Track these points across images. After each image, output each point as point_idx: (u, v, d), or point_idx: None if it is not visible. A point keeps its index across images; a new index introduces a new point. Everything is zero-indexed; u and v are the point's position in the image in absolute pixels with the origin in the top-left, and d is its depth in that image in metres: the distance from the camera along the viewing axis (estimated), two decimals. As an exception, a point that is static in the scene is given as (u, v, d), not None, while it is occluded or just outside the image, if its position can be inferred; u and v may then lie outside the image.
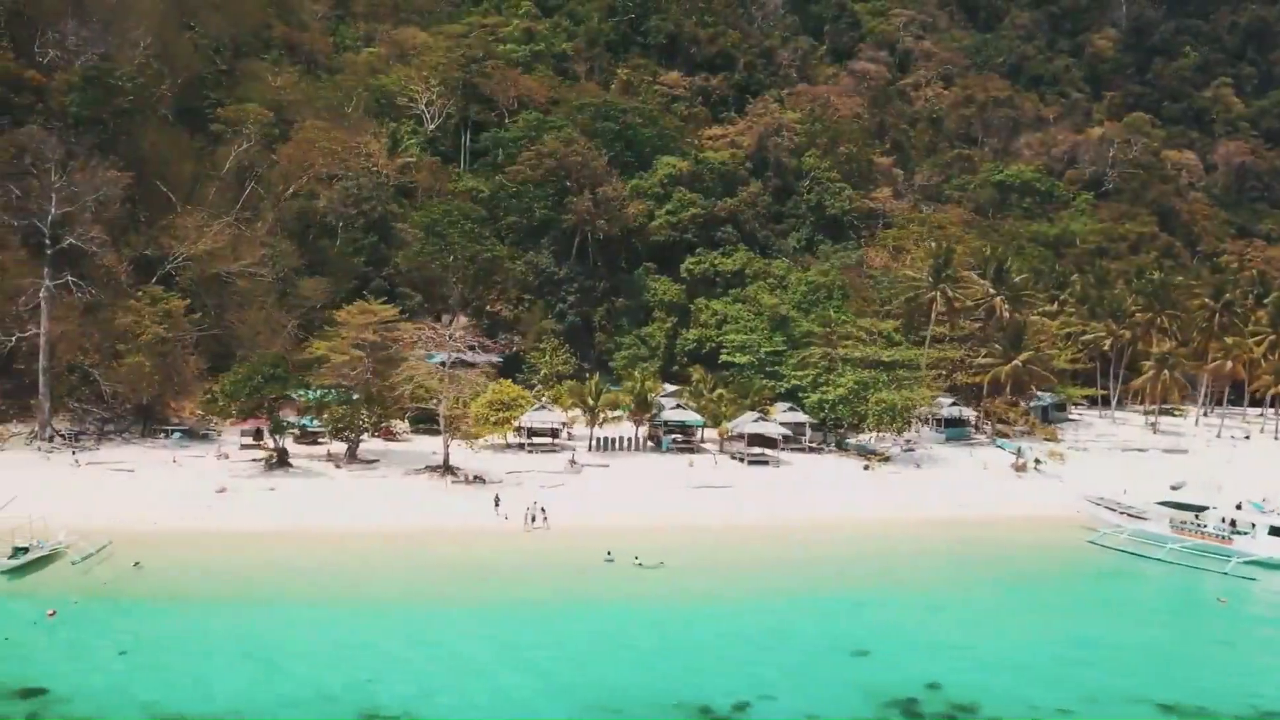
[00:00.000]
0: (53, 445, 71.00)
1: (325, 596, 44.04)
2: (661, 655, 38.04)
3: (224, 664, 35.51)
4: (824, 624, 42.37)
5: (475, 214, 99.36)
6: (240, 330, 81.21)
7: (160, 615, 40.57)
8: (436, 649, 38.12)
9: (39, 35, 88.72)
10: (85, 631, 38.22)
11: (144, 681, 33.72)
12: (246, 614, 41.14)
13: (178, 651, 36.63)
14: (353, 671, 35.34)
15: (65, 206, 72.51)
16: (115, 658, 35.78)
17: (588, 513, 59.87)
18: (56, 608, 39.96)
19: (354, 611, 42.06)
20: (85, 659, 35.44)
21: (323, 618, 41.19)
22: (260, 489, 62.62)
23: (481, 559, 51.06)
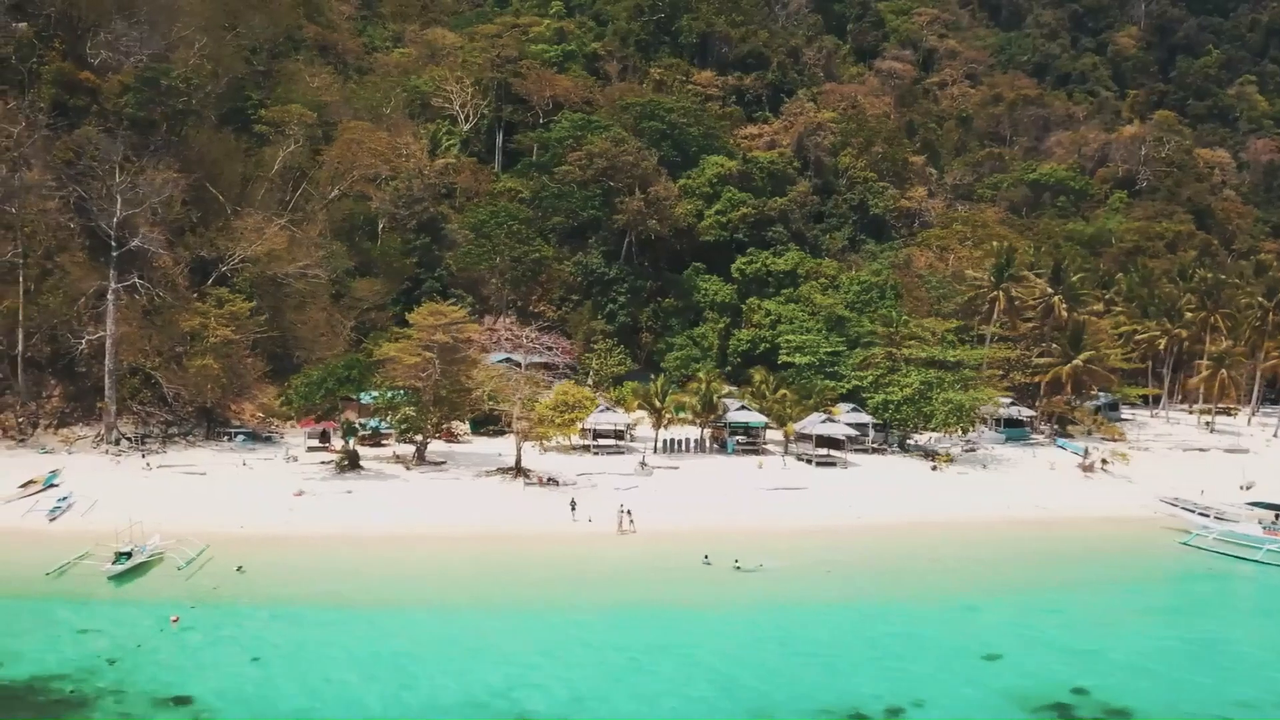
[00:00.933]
0: (120, 448, 70.67)
1: (438, 600, 43.72)
2: (794, 660, 37.65)
3: (361, 670, 35.10)
4: (944, 627, 42.02)
5: (521, 214, 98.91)
6: (300, 331, 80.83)
7: (278, 621, 40.19)
8: (566, 653, 37.73)
9: (90, 37, 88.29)
10: (210, 638, 37.83)
11: (286, 689, 33.35)
12: (365, 618, 40.78)
13: (310, 658, 36.24)
14: (491, 677, 34.98)
15: (130, 208, 72.09)
16: (249, 664, 35.41)
17: (668, 515, 59.34)
18: (175, 614, 39.48)
19: (473, 615, 41.74)
20: (220, 666, 35.05)
21: (443, 622, 40.85)
22: (337, 492, 62.19)
23: (578, 562, 50.63)
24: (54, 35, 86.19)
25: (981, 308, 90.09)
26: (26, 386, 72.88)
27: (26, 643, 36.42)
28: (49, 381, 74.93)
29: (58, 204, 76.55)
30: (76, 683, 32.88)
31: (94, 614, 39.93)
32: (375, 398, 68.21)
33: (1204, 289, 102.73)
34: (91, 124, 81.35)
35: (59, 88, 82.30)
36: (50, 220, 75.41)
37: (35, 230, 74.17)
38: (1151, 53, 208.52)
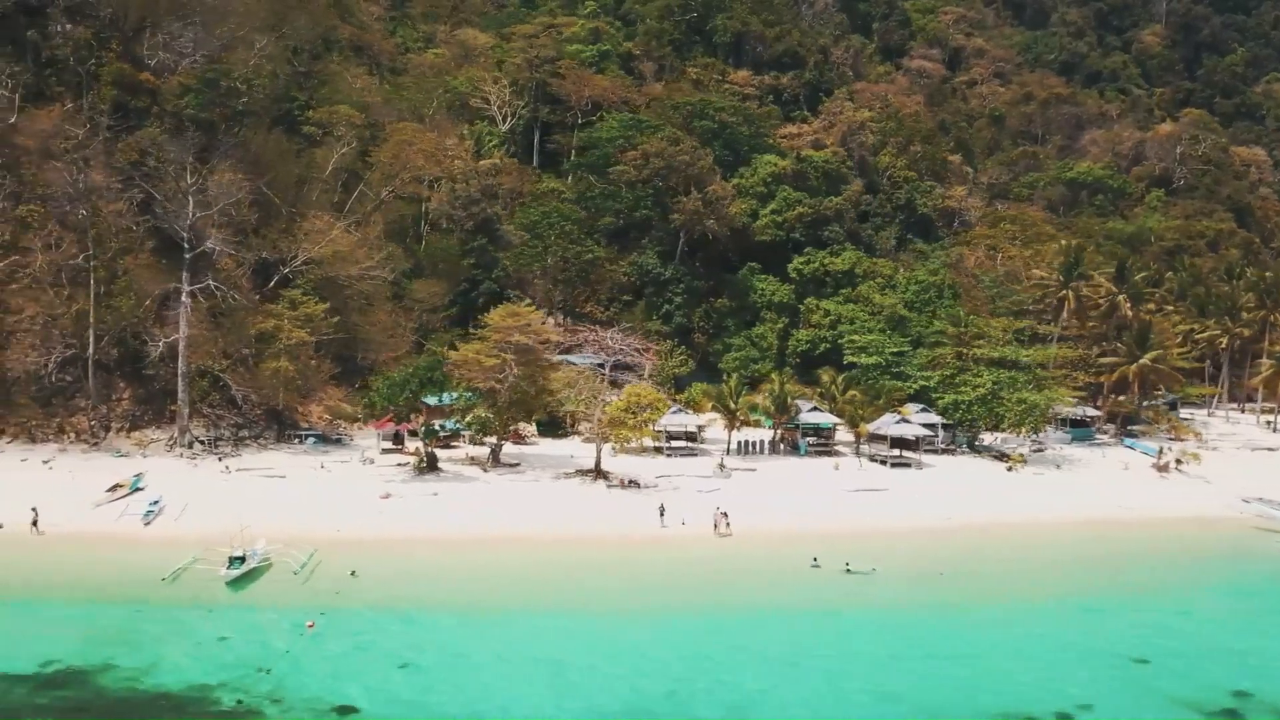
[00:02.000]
0: (193, 452, 70.25)
1: (564, 604, 43.35)
2: (945, 665, 37.22)
3: (517, 676, 34.70)
4: (1082, 630, 41.66)
5: (573, 215, 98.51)
6: (365, 333, 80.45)
7: (410, 625, 39.79)
8: (710, 656, 37.29)
9: (145, 38, 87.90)
10: (350, 644, 37.43)
11: (445, 696, 32.96)
12: (498, 622, 40.46)
13: (459, 664, 35.84)
14: (650, 681, 34.55)
15: (202, 210, 71.72)
16: (398, 671, 35.01)
17: (757, 517, 58.81)
18: (310, 620, 39.05)
19: (607, 619, 41.35)
20: (370, 673, 34.64)
21: (579, 626, 40.45)
22: (422, 494, 61.81)
23: (686, 565, 50.24)
24: (110, 37, 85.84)
25: (1048, 307, 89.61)
26: (97, 389, 72.49)
27: (171, 650, 36.02)
28: (118, 384, 74.56)
29: (123, 206, 76.36)
30: (238, 692, 32.44)
31: (227, 620, 39.53)
32: (453, 399, 67.64)
33: (1263, 287, 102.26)
34: (153, 125, 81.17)
35: (120, 89, 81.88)
36: (118, 223, 75.15)
37: (104, 233, 73.83)
38: (1176, 51, 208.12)
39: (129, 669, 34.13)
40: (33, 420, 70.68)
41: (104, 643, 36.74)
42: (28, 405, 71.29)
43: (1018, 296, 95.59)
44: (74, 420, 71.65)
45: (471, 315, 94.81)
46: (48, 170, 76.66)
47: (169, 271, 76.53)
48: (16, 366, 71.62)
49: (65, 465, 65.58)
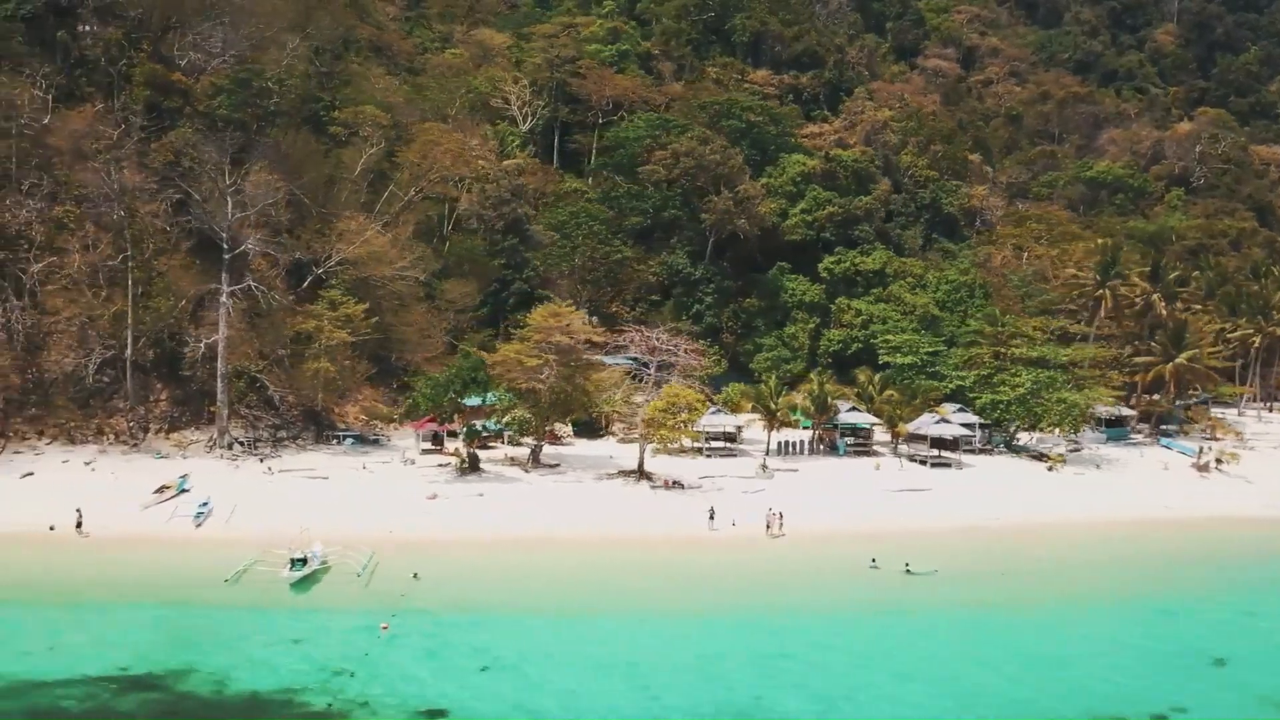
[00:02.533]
0: (233, 453, 70.00)
1: (630, 606, 43.22)
2: (1034, 666, 37.04)
3: (600, 677, 34.50)
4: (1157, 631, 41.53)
5: (601, 215, 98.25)
6: (400, 334, 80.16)
7: (481, 628, 39.61)
8: (790, 657, 37.10)
9: (176, 38, 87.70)
10: (427, 647, 37.21)
11: (535, 698, 32.74)
12: (568, 624, 40.34)
13: (539, 666, 35.62)
14: (734, 682, 34.40)
15: (241, 210, 71.52)
16: (479, 674, 34.78)
17: (805, 518, 58.55)
18: (384, 622, 38.82)
19: (672, 619, 41.22)
20: (453, 676, 34.42)
21: (649, 627, 40.31)
22: (468, 495, 61.55)
23: (744, 565, 50.13)
24: (140, 38, 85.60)
25: (1083, 306, 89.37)
26: (134, 391, 72.24)
27: (248, 653, 35.83)
28: (155, 385, 74.29)
29: (158, 207, 76.15)
30: (326, 695, 32.26)
31: (297, 622, 39.32)
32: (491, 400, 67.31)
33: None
34: (186, 126, 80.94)
35: (152, 89, 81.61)
36: (154, 224, 74.94)
37: (140, 233, 73.57)
38: (1190, 50, 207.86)
39: (211, 671, 33.91)
40: (71, 421, 70.32)
41: (179, 645, 36.56)
42: (66, 406, 70.95)
43: (1047, 296, 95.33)
44: (112, 422, 71.32)
45: (502, 316, 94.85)
46: (80, 170, 76.59)
47: (205, 272, 76.48)
48: (54, 368, 71.49)
49: (107, 467, 65.32)
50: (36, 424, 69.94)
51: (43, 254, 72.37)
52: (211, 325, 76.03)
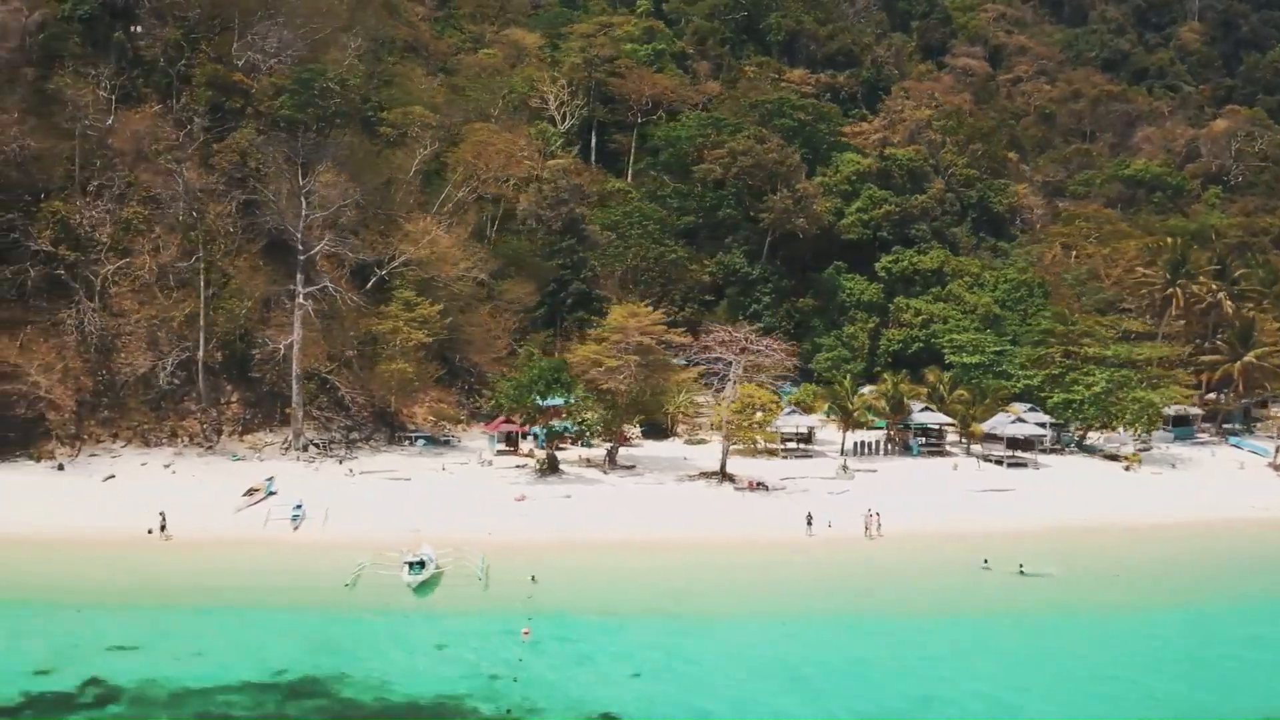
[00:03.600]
0: (309, 454, 69.64)
1: (756, 606, 42.96)
2: (1202, 667, 36.59)
3: (756, 681, 34.05)
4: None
5: (655, 215, 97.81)
6: (469, 334, 79.74)
7: (619, 631, 39.34)
8: (941, 659, 36.78)
9: (234, 38, 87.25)
10: (573, 651, 36.86)
11: (702, 703, 32.32)
12: (703, 626, 40.00)
13: (691, 669, 35.20)
14: (894, 685, 34.01)
15: (316, 211, 71.13)
16: (633, 678, 34.39)
17: (896, 519, 58.10)
18: (525, 627, 38.39)
19: (807, 621, 41.02)
20: (610, 680, 34.09)
21: (787, 629, 40.00)
22: (555, 496, 61.19)
23: (855, 566, 49.88)
24: (199, 38, 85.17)
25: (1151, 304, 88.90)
26: (206, 393, 71.86)
27: (395, 658, 35.50)
28: (225, 387, 73.91)
29: (227, 208, 75.73)
30: (490, 701, 31.93)
31: (433, 627, 39.08)
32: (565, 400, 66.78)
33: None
34: (248, 126, 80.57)
35: (214, 90, 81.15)
36: (224, 225, 74.53)
37: (211, 235, 73.20)
38: (1215, 47, 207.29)
39: (366, 678, 33.55)
40: (144, 424, 69.98)
41: (321, 650, 36.20)
42: (138, 409, 70.62)
43: (1103, 294, 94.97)
44: (185, 424, 70.96)
45: (560, 316, 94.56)
46: (143, 171, 76.30)
47: (273, 274, 76.17)
48: (126, 370, 71.18)
49: (186, 470, 65.05)
50: (110, 427, 69.61)
51: (113, 256, 72.06)
52: (278, 327, 75.73)
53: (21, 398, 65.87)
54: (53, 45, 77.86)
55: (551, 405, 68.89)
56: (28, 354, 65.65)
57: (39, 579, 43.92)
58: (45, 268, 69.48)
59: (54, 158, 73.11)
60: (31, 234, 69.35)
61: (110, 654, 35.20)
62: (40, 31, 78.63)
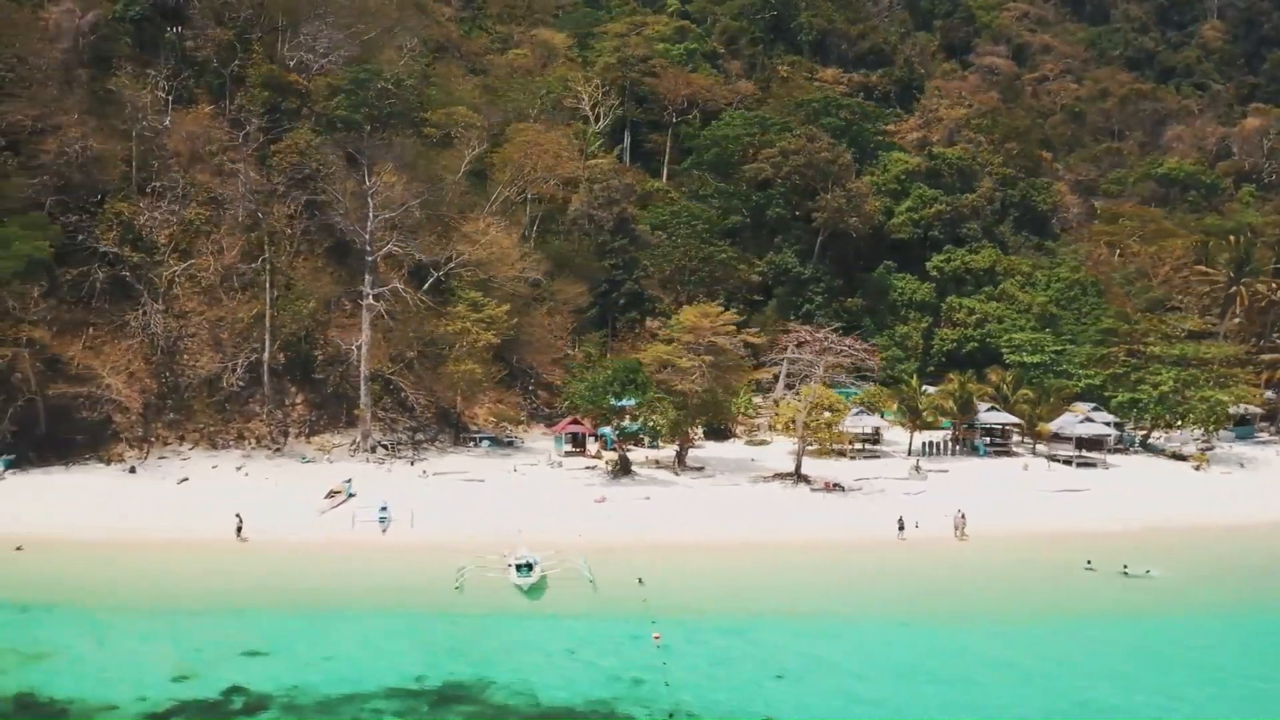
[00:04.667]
0: (378, 456, 69.26)
1: (874, 608, 42.68)
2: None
3: (905, 686, 33.70)
4: None
5: (704, 214, 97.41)
6: (529, 334, 79.35)
7: (744, 633, 38.89)
8: (1084, 663, 36.37)
9: (287, 39, 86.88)
10: (705, 654, 36.46)
11: (855, 708, 31.90)
12: (827, 628, 39.61)
13: (833, 672, 34.85)
14: (1042, 688, 33.62)
15: (386, 211, 70.75)
16: (776, 681, 34.03)
17: (978, 520, 57.60)
18: (656, 631, 37.96)
19: (928, 624, 40.57)
20: (758, 684, 33.69)
21: (911, 632, 39.63)
22: (634, 498, 60.81)
23: (956, 567, 49.48)
24: (252, 38, 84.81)
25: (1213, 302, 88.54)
26: (272, 394, 71.49)
27: (532, 662, 35.10)
28: (289, 389, 73.51)
29: (290, 208, 75.38)
30: (646, 706, 31.52)
31: (556, 630, 38.62)
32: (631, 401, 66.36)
33: None
34: (305, 127, 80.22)
35: (269, 89, 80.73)
36: (287, 226, 74.17)
37: (276, 236, 72.85)
38: (1238, 45, 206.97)
39: (510, 682, 33.15)
40: (211, 426, 69.61)
41: (450, 654, 35.85)
42: (203, 411, 70.25)
43: (1152, 293, 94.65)
44: (251, 426, 70.60)
45: (611, 317, 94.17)
46: (199, 171, 75.94)
47: (336, 275, 75.83)
48: (190, 373, 70.79)
49: (258, 472, 64.67)
50: (176, 429, 69.24)
51: (176, 257, 71.69)
52: (339, 328, 75.46)
53: (87, 399, 65.57)
54: (104, 46, 77.54)
55: (622, 406, 68.66)
56: (101, 356, 65.24)
57: (141, 584, 43.62)
58: (111, 269, 69.20)
59: (111, 159, 72.78)
60: (96, 235, 69.06)
61: (242, 660, 34.80)
62: (93, 32, 78.30)
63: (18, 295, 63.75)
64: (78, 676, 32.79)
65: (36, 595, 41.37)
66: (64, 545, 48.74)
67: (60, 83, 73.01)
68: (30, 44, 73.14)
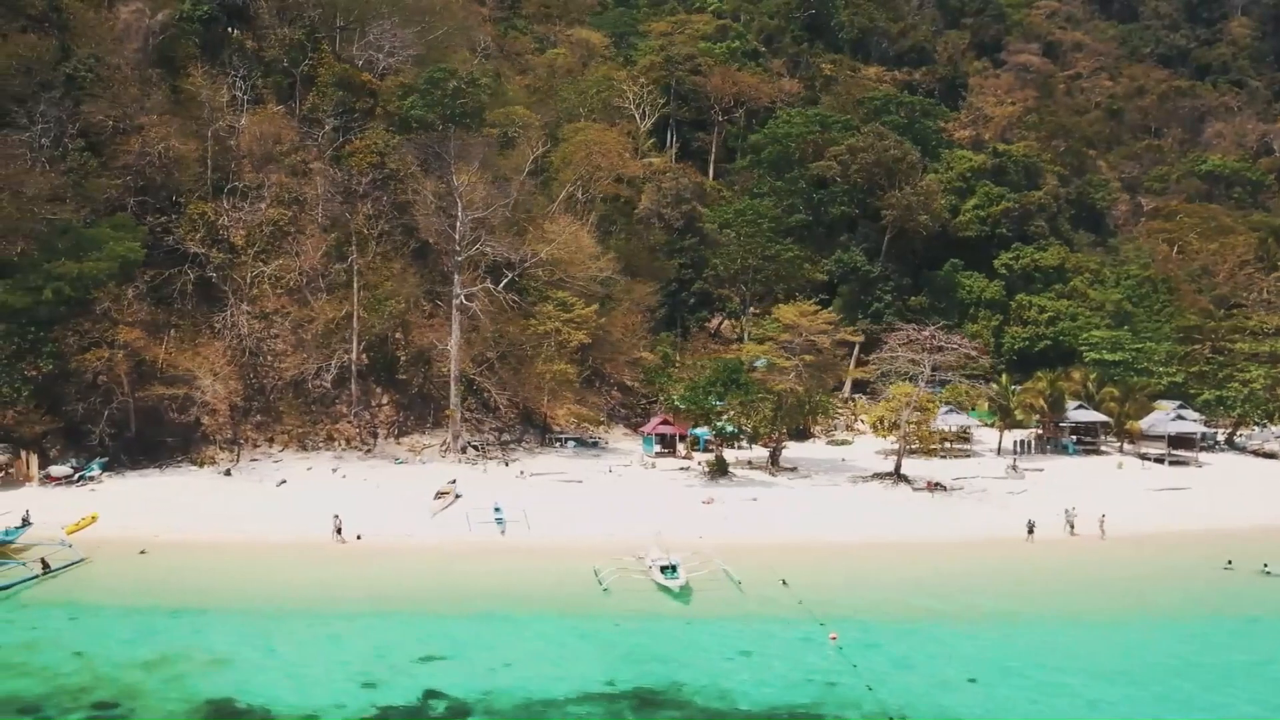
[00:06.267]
0: (469, 456, 68.76)
1: (1036, 609, 42.17)
2: None
3: (1110, 687, 33.15)
4: None
5: (769, 213, 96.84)
6: (611, 334, 78.83)
7: (914, 634, 38.45)
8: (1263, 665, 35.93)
9: (356, 38, 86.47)
10: (884, 656, 35.84)
11: (1069, 710, 31.46)
12: (1000, 629, 39.14)
13: (1029, 674, 34.27)
14: (1251, 691, 33.07)
15: (478, 210, 70.23)
16: (974, 686, 33.41)
17: (1091, 519, 57.15)
18: (833, 632, 37.43)
19: (1108, 624, 40.04)
20: (958, 689, 32.96)
21: (1078, 632, 39.09)
22: (740, 499, 60.25)
23: (1095, 567, 49.00)
24: (321, 38, 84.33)
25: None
26: (360, 396, 70.98)
27: (714, 665, 34.48)
28: (374, 390, 72.99)
29: (372, 208, 74.86)
30: (854, 709, 30.92)
31: (722, 632, 38.08)
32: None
33: None
34: (378, 126, 79.75)
35: (342, 89, 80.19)
36: (372, 227, 73.64)
37: (362, 236, 72.33)
38: (1267, 42, 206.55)
39: (704, 686, 32.55)
40: (299, 427, 69.13)
41: (629, 658, 35.26)
42: (289, 413, 69.78)
43: (1218, 290, 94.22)
44: (339, 428, 70.10)
45: (680, 316, 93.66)
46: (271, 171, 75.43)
47: (418, 275, 75.36)
48: (273, 374, 70.28)
49: (353, 474, 64.12)
50: (264, 431, 68.84)
51: (262, 258, 71.17)
52: (421, 329, 75.08)
53: (176, 402, 65.07)
54: (171, 47, 77.07)
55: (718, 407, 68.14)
56: (198, 357, 64.72)
57: (280, 587, 43.09)
58: (200, 270, 68.71)
59: (190, 160, 72.28)
60: (180, 236, 68.54)
61: (422, 665, 34.23)
62: (162, 32, 77.82)
63: (113, 297, 63.36)
64: (265, 683, 32.21)
65: (180, 600, 40.79)
66: (184, 549, 48.35)
67: (140, 82, 72.44)
68: (105, 44, 72.69)
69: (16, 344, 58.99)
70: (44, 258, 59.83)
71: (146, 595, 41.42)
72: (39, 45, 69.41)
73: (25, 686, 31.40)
